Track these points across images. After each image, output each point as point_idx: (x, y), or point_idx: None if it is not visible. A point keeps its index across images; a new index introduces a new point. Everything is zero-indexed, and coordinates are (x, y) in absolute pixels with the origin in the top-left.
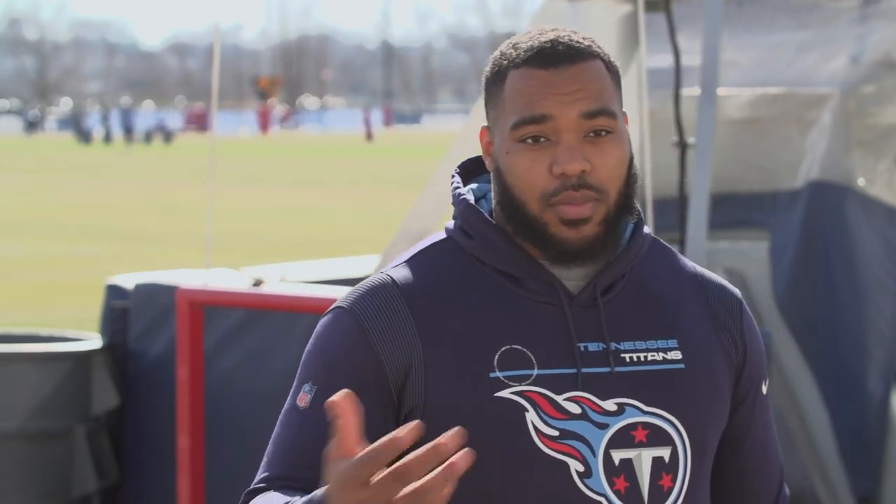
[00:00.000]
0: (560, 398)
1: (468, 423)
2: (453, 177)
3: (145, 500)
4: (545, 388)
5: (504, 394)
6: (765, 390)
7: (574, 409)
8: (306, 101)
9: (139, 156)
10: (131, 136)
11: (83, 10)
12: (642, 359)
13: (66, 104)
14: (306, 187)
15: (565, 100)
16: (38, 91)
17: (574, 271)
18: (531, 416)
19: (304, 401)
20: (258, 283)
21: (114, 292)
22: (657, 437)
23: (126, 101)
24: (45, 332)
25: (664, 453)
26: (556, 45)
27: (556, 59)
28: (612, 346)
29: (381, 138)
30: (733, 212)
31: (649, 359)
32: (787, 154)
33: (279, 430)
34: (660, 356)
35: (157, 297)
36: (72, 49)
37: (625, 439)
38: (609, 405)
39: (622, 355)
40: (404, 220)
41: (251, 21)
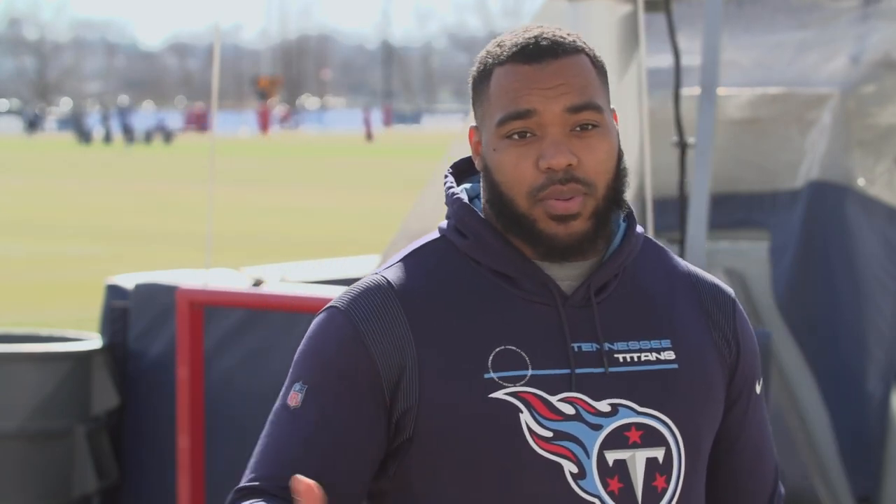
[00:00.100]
0: (554, 399)
1: (462, 423)
2: (446, 177)
3: (145, 500)
4: (539, 389)
5: (498, 395)
6: (758, 389)
7: (568, 409)
8: (306, 101)
9: (139, 156)
10: (131, 136)
11: (83, 10)
12: (636, 359)
13: (66, 104)
14: (306, 187)
15: (549, 94)
16: (38, 91)
17: (568, 271)
18: (525, 416)
19: (296, 400)
20: (258, 283)
21: (114, 292)
22: (651, 437)
23: (123, 101)
24: (45, 332)
25: (658, 454)
26: (539, 40)
27: (540, 54)
28: (606, 346)
29: (381, 138)
30: (733, 212)
31: (643, 359)
32: (787, 154)
33: (269, 429)
34: (653, 356)
35: (157, 297)
36: (72, 49)
37: (619, 440)
38: (603, 406)
39: (616, 356)
40: (404, 220)
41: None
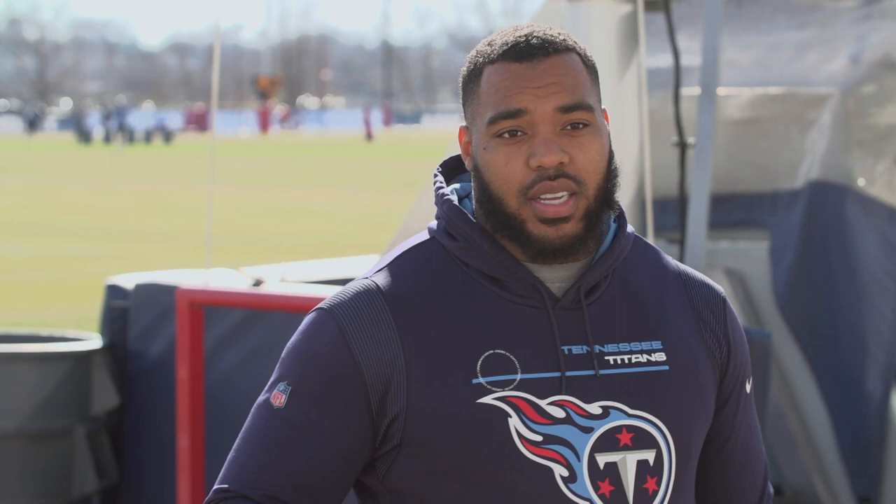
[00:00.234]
0: (544, 402)
1: (451, 429)
2: (436, 175)
3: (145, 500)
4: (529, 393)
5: (487, 400)
6: (748, 389)
7: (558, 413)
8: (306, 101)
9: (139, 156)
10: (130, 137)
11: (83, 10)
12: (626, 361)
13: (66, 104)
14: (306, 187)
15: (540, 93)
16: (38, 91)
17: (558, 272)
18: (514, 421)
19: (280, 400)
20: (258, 283)
21: (114, 292)
22: (642, 439)
23: (120, 101)
24: (45, 332)
25: (649, 456)
26: (530, 39)
27: (531, 52)
28: (597, 348)
29: (381, 138)
30: (733, 212)
31: (633, 361)
32: (787, 154)
33: (251, 426)
34: (644, 358)
35: (157, 297)
36: (72, 49)
37: (610, 442)
38: (594, 408)
39: (606, 358)
40: (404, 220)
41: (251, 21)
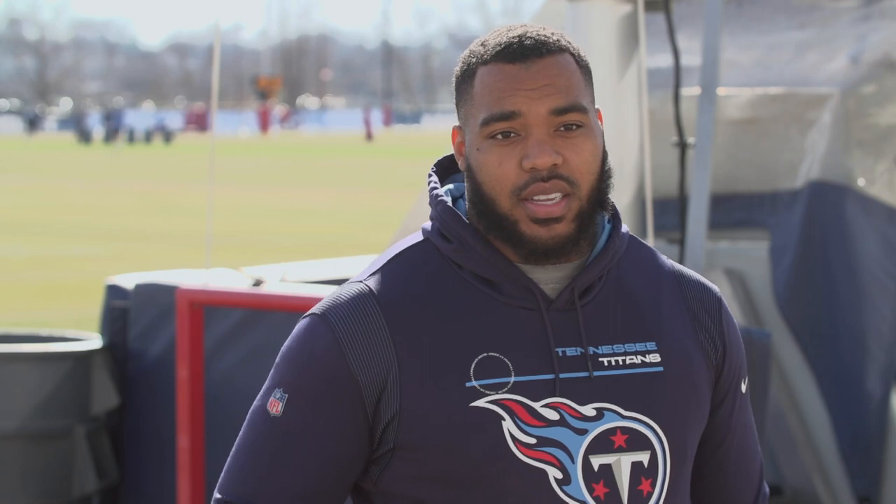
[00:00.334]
0: (537, 405)
1: (444, 433)
2: (430, 175)
3: (145, 500)
4: (522, 396)
5: (480, 403)
6: (744, 389)
7: (552, 415)
8: (306, 101)
9: (139, 156)
10: (130, 137)
11: (83, 10)
12: (621, 362)
13: (66, 104)
14: (306, 187)
15: (534, 95)
16: (38, 91)
17: (551, 273)
18: (508, 424)
19: (276, 408)
20: (258, 283)
21: (114, 292)
22: (636, 441)
23: (118, 102)
24: (45, 332)
25: (643, 458)
26: (523, 39)
27: (524, 53)
28: (591, 350)
29: (381, 138)
30: (733, 212)
31: (628, 362)
32: (787, 154)
33: (249, 432)
34: (638, 359)
35: (157, 297)
36: (72, 49)
37: (604, 444)
38: (588, 410)
39: (600, 359)
40: (404, 220)
41: (251, 21)
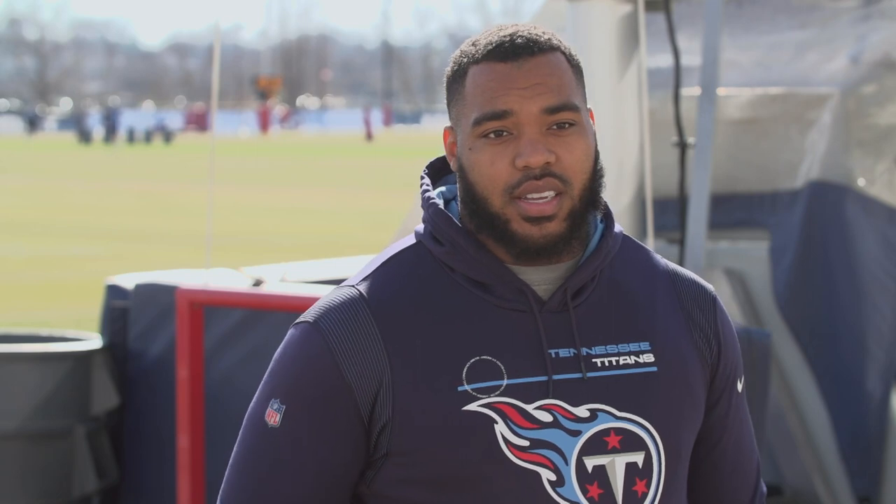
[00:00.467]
0: (530, 407)
1: (437, 437)
2: (423, 177)
3: (145, 500)
4: (515, 398)
5: (472, 407)
6: (740, 388)
7: (545, 417)
8: (306, 101)
9: (139, 156)
10: (130, 137)
11: (83, 10)
12: (614, 363)
13: (66, 104)
14: (306, 187)
15: (525, 94)
16: (38, 91)
17: (544, 274)
18: (500, 427)
19: (274, 419)
20: (258, 283)
21: (114, 292)
22: (630, 442)
23: (115, 102)
24: (45, 332)
25: (637, 459)
26: (514, 38)
27: (516, 52)
28: (584, 351)
29: (381, 138)
30: (733, 212)
31: (621, 363)
32: (787, 154)
33: (247, 443)
34: (632, 360)
35: (157, 297)
36: (72, 49)
37: (598, 445)
38: (581, 412)
39: (594, 360)
40: (404, 220)
41: (251, 21)
